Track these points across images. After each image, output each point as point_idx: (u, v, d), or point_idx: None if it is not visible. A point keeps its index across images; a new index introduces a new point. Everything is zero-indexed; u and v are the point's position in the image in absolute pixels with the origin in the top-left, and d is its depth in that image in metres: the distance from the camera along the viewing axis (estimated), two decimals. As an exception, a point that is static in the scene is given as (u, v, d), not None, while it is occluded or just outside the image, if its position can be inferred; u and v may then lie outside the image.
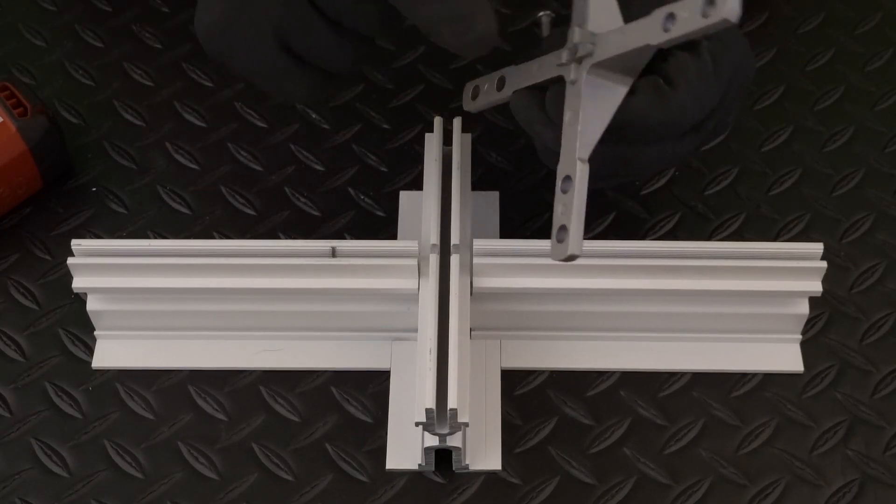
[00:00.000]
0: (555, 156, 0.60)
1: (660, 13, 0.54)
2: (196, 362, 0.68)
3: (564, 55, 0.58)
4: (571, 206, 0.55)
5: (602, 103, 0.57)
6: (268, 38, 0.57)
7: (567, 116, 0.57)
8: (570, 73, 0.57)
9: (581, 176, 0.55)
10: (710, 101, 0.59)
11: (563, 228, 0.55)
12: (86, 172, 0.75)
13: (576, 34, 0.58)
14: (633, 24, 0.55)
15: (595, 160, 0.56)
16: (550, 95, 0.58)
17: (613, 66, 0.57)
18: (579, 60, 0.57)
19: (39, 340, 0.69)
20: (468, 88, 0.65)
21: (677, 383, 0.67)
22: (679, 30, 0.53)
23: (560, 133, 0.57)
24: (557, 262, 0.63)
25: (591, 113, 0.56)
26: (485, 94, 0.64)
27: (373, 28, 0.58)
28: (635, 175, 0.60)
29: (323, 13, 0.57)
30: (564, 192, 0.56)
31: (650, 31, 0.54)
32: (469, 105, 0.65)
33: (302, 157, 0.76)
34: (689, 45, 0.56)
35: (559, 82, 0.58)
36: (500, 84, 0.63)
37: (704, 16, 0.51)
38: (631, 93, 0.57)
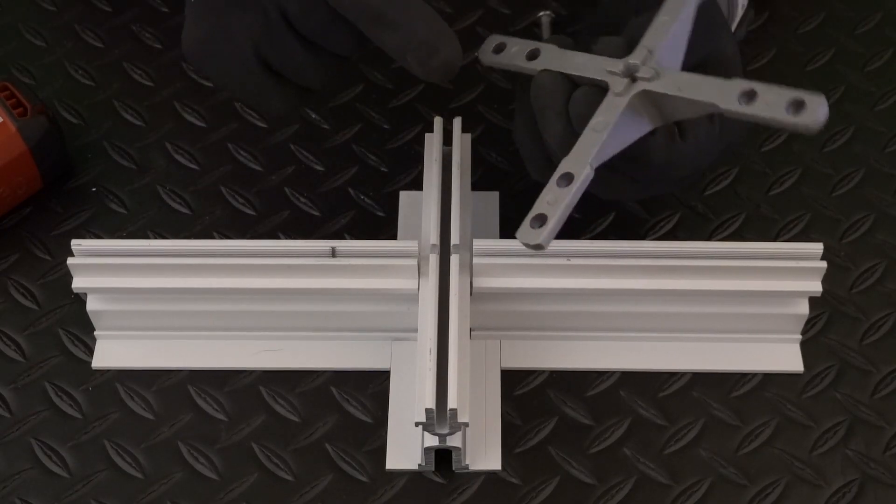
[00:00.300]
0: (534, 143, 0.60)
1: (741, 84, 0.54)
2: (196, 362, 0.68)
3: (620, 66, 0.57)
4: (562, 202, 0.55)
5: (629, 128, 0.57)
6: (247, 56, 0.60)
7: (595, 121, 0.56)
8: (619, 86, 0.57)
9: (584, 180, 0.55)
10: (706, 161, 0.61)
11: (543, 218, 0.55)
12: (86, 172, 0.75)
13: (642, 54, 0.57)
14: (709, 80, 0.55)
15: None
16: (582, 95, 0.58)
17: (661, 102, 0.57)
18: (634, 79, 0.57)
19: (39, 340, 0.69)
20: (493, 40, 0.64)
21: (677, 383, 0.67)
22: (755, 111, 0.53)
23: (568, 131, 0.57)
24: (557, 262, 0.64)
25: (620, 130, 0.56)
26: (510, 55, 0.62)
27: (346, 49, 0.60)
28: (601, 195, 0.61)
29: (300, 34, 0.59)
30: (560, 187, 0.55)
31: (723, 95, 0.54)
32: (486, 57, 0.63)
33: (302, 157, 0.76)
34: None
35: (595, 87, 0.58)
36: (532, 55, 0.61)
37: (787, 111, 0.52)
38: (650, 132, 0.58)
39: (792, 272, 0.64)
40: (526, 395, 0.67)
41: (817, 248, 0.64)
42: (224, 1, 0.60)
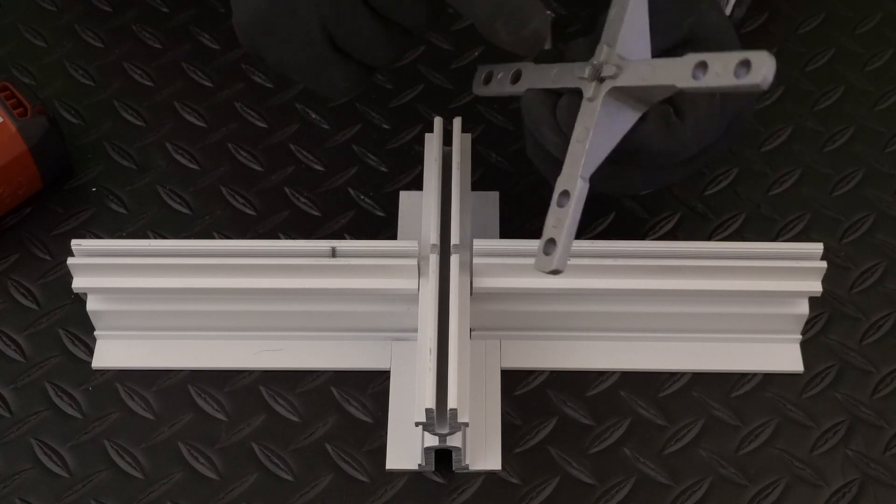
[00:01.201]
0: (545, 156, 0.60)
1: (692, 59, 0.53)
2: (196, 362, 0.68)
3: (587, 70, 0.57)
4: (565, 221, 0.55)
5: (614, 125, 0.57)
6: (313, 30, 0.57)
7: (577, 131, 0.56)
8: (589, 91, 0.57)
9: (580, 194, 0.55)
10: (711, 138, 0.60)
11: (552, 242, 0.55)
12: (86, 172, 0.75)
13: (603, 53, 0.57)
14: (663, 62, 0.55)
15: None
16: (564, 103, 0.58)
17: (632, 93, 0.57)
18: (601, 80, 0.57)
19: (39, 340, 0.69)
20: (481, 71, 0.64)
21: (677, 383, 0.67)
22: (708, 82, 0.53)
23: (564, 140, 0.57)
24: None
25: (601, 133, 0.56)
26: (498, 82, 0.63)
27: (419, 22, 0.58)
28: (617, 191, 0.60)
29: (371, 6, 0.57)
30: (560, 206, 0.55)
31: (679, 74, 0.54)
32: (479, 89, 0.64)
33: (302, 157, 0.76)
34: None
35: (575, 93, 0.58)
36: (515, 77, 0.62)
37: (737, 76, 0.52)
38: (641, 119, 0.57)
39: (792, 272, 0.64)
40: (526, 395, 0.67)
41: (817, 248, 0.64)
42: None
